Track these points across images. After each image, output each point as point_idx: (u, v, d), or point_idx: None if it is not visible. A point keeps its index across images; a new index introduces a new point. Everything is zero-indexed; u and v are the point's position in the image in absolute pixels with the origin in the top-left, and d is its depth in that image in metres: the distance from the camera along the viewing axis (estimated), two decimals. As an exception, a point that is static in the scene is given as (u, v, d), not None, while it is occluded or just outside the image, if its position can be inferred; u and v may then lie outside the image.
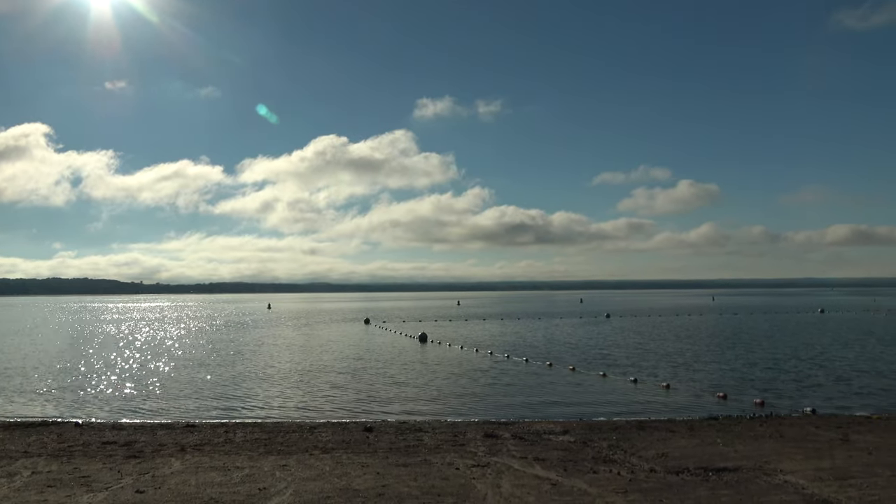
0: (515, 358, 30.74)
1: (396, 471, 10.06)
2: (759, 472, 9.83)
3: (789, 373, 24.92)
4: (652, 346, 36.93)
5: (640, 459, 11.03)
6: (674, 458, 11.11)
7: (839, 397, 19.60)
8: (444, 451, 11.80)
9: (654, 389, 21.34)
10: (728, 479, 9.50)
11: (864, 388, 21.15)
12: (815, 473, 9.67)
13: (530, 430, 14.31)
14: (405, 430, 14.16)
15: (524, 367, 27.39)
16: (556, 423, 15.34)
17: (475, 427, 14.70)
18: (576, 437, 13.23)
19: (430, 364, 29.17)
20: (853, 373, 24.73)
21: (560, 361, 28.96)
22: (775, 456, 11.01)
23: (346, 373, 26.36)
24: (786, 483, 9.17)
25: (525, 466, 10.42)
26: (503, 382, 23.29)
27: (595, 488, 8.93)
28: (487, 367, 27.48)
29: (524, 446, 12.27)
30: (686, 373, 25.21)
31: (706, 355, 31.50)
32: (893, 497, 8.34)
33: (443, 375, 25.18)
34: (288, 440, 13.05)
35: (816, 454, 11.12)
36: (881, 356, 30.22)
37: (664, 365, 27.72)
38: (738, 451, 11.55)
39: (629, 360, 29.86)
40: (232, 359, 32.52)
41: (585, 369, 26.39)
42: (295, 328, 58.32)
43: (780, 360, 28.80)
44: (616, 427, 14.66)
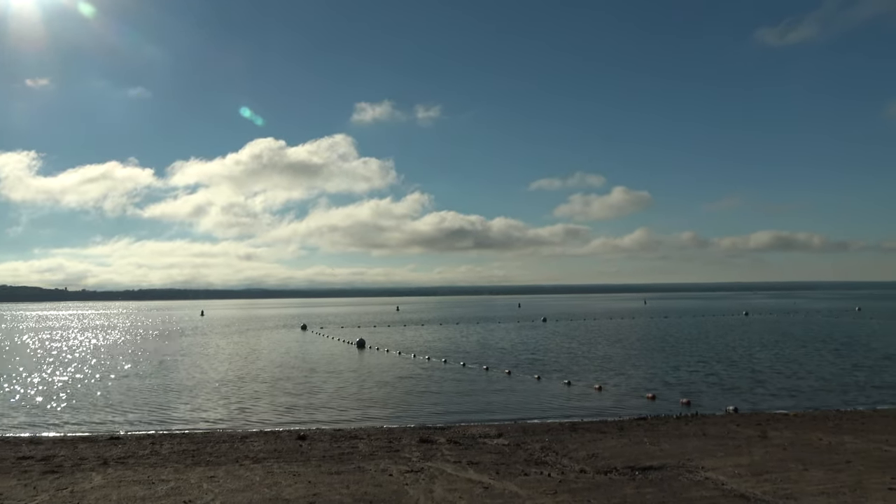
0: (452, 363, 30.87)
1: (329, 479, 9.95)
2: (682, 470, 10.19)
3: (715, 373, 25.92)
4: (586, 349, 37.76)
5: (571, 460, 11.26)
6: (603, 458, 11.39)
7: (760, 396, 20.52)
8: (378, 457, 11.74)
9: (586, 391, 21.82)
10: (653, 477, 9.81)
11: (783, 387, 22.22)
12: (734, 469, 10.10)
13: (466, 434, 14.40)
14: (340, 438, 14.02)
15: (461, 372, 27.54)
16: (491, 427, 15.49)
17: (411, 433, 14.69)
18: (510, 440, 13.40)
19: (367, 370, 28.96)
20: (773, 372, 25.96)
21: (497, 365, 29.26)
22: (698, 453, 11.44)
23: (281, 380, 25.87)
24: (707, 479, 9.54)
25: (458, 471, 10.48)
26: (440, 387, 23.36)
27: (525, 490, 9.06)
28: (425, 372, 27.50)
29: (459, 450, 12.34)
30: (618, 374, 25.89)
31: (637, 357, 32.43)
32: (804, 490, 8.80)
33: (380, 381, 25.05)
34: (217, 451, 12.71)
35: (736, 451, 11.61)
36: (798, 357, 31.82)
37: (597, 367, 28.38)
38: (663, 449, 11.94)
39: (564, 363, 30.44)
40: (161, 368, 31.43)
41: (521, 373, 26.75)
42: (228, 335, 56.84)
43: (707, 361, 29.93)
44: (549, 429, 14.93)
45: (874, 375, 24.61)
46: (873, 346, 36.63)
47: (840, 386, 22.26)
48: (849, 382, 23.00)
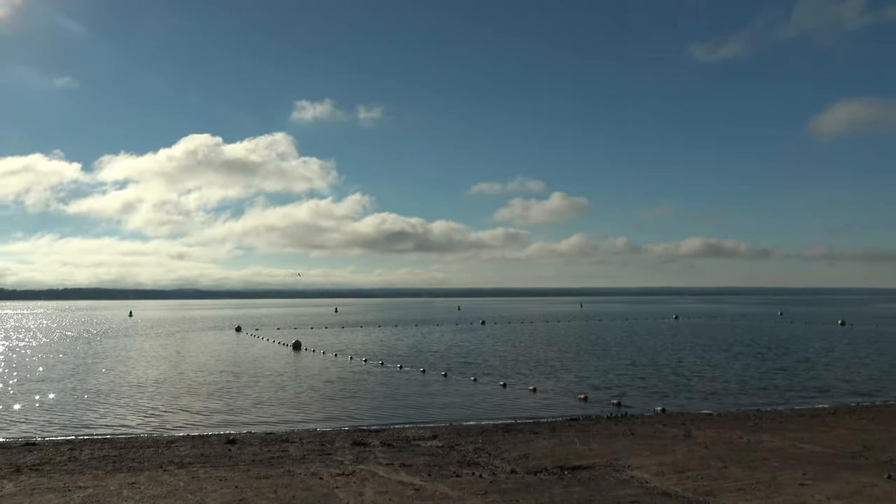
0: (389, 365, 30.74)
1: (257, 483, 9.73)
2: (609, 469, 10.43)
3: (645, 376, 26.69)
4: (522, 351, 38.26)
5: (503, 461, 11.37)
6: (534, 458, 11.55)
7: (686, 397, 21.24)
8: (309, 461, 11.56)
9: (521, 393, 22.09)
10: (581, 476, 10.00)
11: (708, 389, 23.07)
12: (658, 468, 10.41)
13: (400, 436, 14.35)
14: (271, 442, 13.74)
15: (398, 374, 27.45)
16: (426, 429, 15.49)
17: (344, 435, 14.53)
18: (444, 442, 13.42)
19: (302, 372, 28.51)
20: (699, 375, 26.93)
21: (434, 367, 29.30)
22: (626, 453, 11.74)
23: (212, 383, 25.17)
24: (632, 478, 9.80)
25: (390, 473, 10.42)
26: (376, 389, 23.21)
27: (456, 491, 9.09)
28: (361, 375, 27.27)
29: (392, 453, 12.28)
30: (552, 377, 26.33)
31: (571, 360, 33.07)
32: (723, 486, 9.14)
33: (315, 383, 24.70)
34: (140, 456, 12.24)
35: (661, 450, 11.97)
36: (723, 359, 33.13)
37: (533, 370, 28.79)
38: (593, 449, 12.21)
39: (500, 365, 30.74)
40: (83, 371, 30.09)
41: (458, 375, 26.87)
42: (158, 337, 54.95)
43: (637, 364, 30.79)
44: (484, 430, 15.04)
45: (793, 377, 25.86)
46: (793, 349, 38.49)
47: (761, 387, 23.28)
48: (769, 384, 24.09)
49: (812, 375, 26.27)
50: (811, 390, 22.50)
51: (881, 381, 24.56)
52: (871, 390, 22.45)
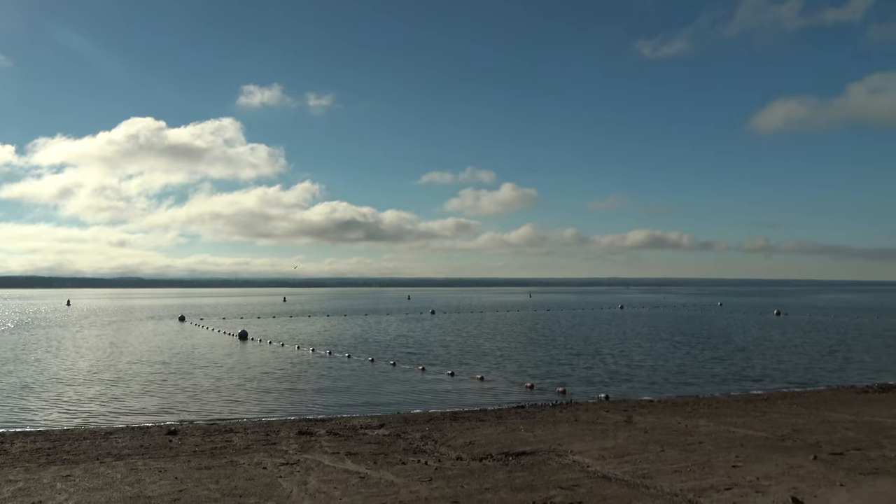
0: (337, 354, 30.56)
1: (198, 474, 9.55)
2: (552, 454, 10.64)
3: (590, 364, 27.26)
4: (471, 340, 38.57)
5: (449, 448, 11.46)
6: (480, 445, 11.68)
7: (629, 384, 21.80)
8: (253, 451, 11.41)
9: (469, 381, 22.29)
10: (525, 462, 10.17)
11: (650, 376, 23.74)
12: (599, 452, 10.66)
13: (347, 425, 14.30)
14: (214, 432, 13.50)
15: (346, 364, 27.31)
16: (373, 418, 15.47)
17: (290, 425, 14.39)
18: (391, 431, 13.44)
19: (248, 362, 28.07)
20: (642, 362, 27.67)
21: (382, 357, 29.26)
22: (568, 438, 11.99)
23: (153, 373, 24.55)
24: (574, 462, 10.01)
25: (336, 462, 10.38)
26: (323, 379, 23.05)
27: (402, 479, 9.13)
28: (309, 364, 27.03)
29: (338, 442, 12.23)
30: (500, 365, 26.63)
31: (519, 349, 33.52)
32: (660, 469, 9.43)
33: (261, 373, 24.36)
34: (76, 448, 11.86)
35: (603, 435, 12.26)
36: (665, 348, 34.12)
37: (481, 358, 29.06)
38: (537, 435, 12.42)
39: (449, 354, 30.92)
40: (13, 361, 28.91)
41: (406, 364, 26.91)
42: (97, 327, 53.20)
43: (583, 353, 31.42)
44: (431, 419, 15.12)
45: (730, 365, 26.83)
46: (731, 338, 39.92)
47: (700, 375, 24.09)
48: (708, 372, 24.94)
49: (748, 363, 27.30)
50: (747, 378, 23.39)
51: (812, 369, 25.72)
52: (802, 377, 23.48)
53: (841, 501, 7.65)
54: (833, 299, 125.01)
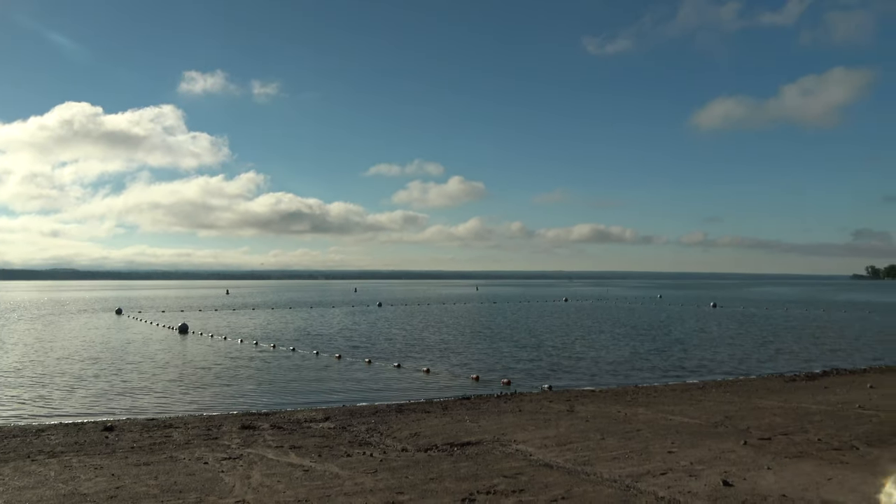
0: (282, 347, 30.17)
1: (136, 471, 9.32)
2: (496, 444, 10.81)
3: (535, 355, 27.71)
4: (417, 333, 38.65)
5: (395, 440, 11.50)
6: (425, 436, 11.77)
7: (572, 375, 22.27)
8: (194, 446, 11.20)
9: (415, 374, 22.36)
10: (470, 451, 10.31)
11: (592, 367, 24.31)
12: (542, 441, 10.90)
13: (291, 419, 14.17)
14: (153, 428, 13.16)
15: (290, 357, 27.00)
16: (318, 411, 15.37)
17: (232, 419, 14.16)
18: (336, 423, 13.39)
19: (188, 356, 27.42)
20: (585, 353, 28.30)
21: (328, 349, 29.05)
22: (512, 428, 12.20)
23: (88, 369, 23.71)
24: (518, 451, 10.21)
25: (280, 455, 10.29)
26: (267, 372, 22.74)
27: (347, 471, 9.13)
28: (252, 358, 26.60)
29: (282, 435, 12.11)
30: (446, 357, 26.80)
31: (465, 341, 33.79)
32: (600, 456, 9.71)
33: (202, 367, 23.83)
34: (6, 446, 11.38)
35: (546, 424, 12.53)
36: (607, 339, 34.98)
37: (427, 350, 29.18)
38: (482, 426, 12.59)
39: (395, 346, 30.92)
40: (-61, 357, 27.46)
41: (352, 357, 26.79)
42: (26, 321, 50.94)
43: (528, 344, 31.91)
44: (377, 411, 15.12)
45: (668, 356, 27.72)
46: (670, 330, 41.20)
47: (640, 365, 24.81)
48: (647, 362, 25.71)
49: (685, 354, 28.26)
50: (684, 368, 24.22)
51: (745, 359, 26.82)
52: (735, 367, 24.46)
53: (768, 483, 8.04)
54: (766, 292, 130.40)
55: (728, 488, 7.84)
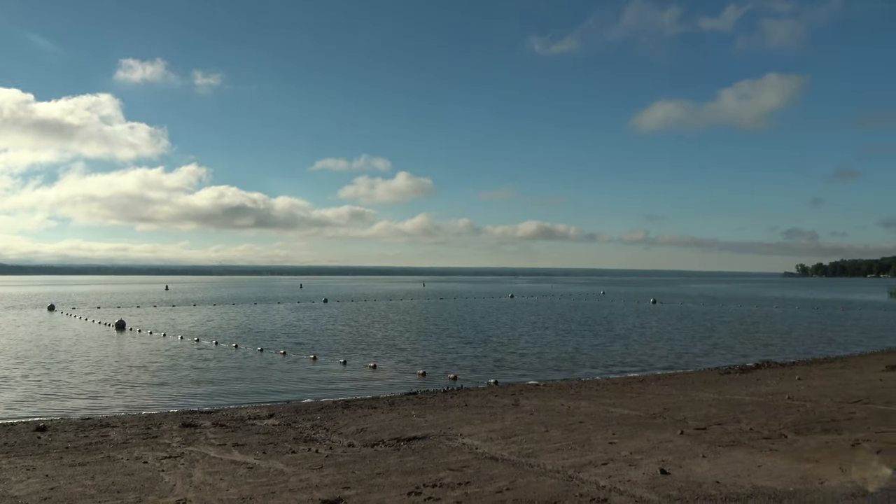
0: (224, 344, 29.56)
1: (71, 471, 9.00)
2: (443, 438, 10.89)
3: (481, 351, 27.97)
4: (364, 329, 38.46)
5: (341, 436, 11.45)
6: (372, 432, 11.75)
7: (517, 370, 22.59)
8: (132, 445, 10.89)
9: (362, 370, 22.27)
10: (416, 446, 10.36)
11: (537, 361, 24.72)
12: (487, 434, 11.04)
13: (234, 416, 13.93)
14: (88, 427, 12.73)
15: (233, 354, 26.48)
16: (262, 408, 15.16)
17: (172, 418, 13.83)
18: (280, 420, 13.23)
19: (126, 354, 26.57)
20: (530, 349, 28.73)
21: (272, 346, 28.62)
22: (459, 422, 12.31)
23: (15, 368, 22.71)
24: (464, 445, 10.31)
25: (223, 453, 10.12)
26: (209, 370, 22.25)
27: (292, 467, 9.04)
28: (193, 355, 25.97)
29: (225, 433, 11.90)
30: (393, 353, 26.78)
31: (412, 337, 33.82)
32: (544, 448, 9.91)
33: (140, 365, 23.14)
34: (-73, 449, 10.81)
35: (491, 418, 12.69)
36: (551, 334, 35.59)
37: (374, 346, 29.09)
38: (428, 421, 12.65)
39: (341, 342, 30.71)
40: None
41: (298, 353, 26.47)
42: (-49, 317, 48.33)
43: (475, 340, 32.18)
44: (322, 407, 15.01)
45: (610, 350, 28.42)
46: (612, 325, 42.20)
47: (582, 359, 25.35)
48: (590, 357, 26.29)
49: (627, 349, 29.03)
50: (625, 362, 24.87)
51: (682, 353, 27.74)
52: (674, 361, 25.27)
53: (703, 471, 8.36)
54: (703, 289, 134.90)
55: (665, 476, 8.13)
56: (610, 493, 7.51)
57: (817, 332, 37.44)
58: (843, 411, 12.68)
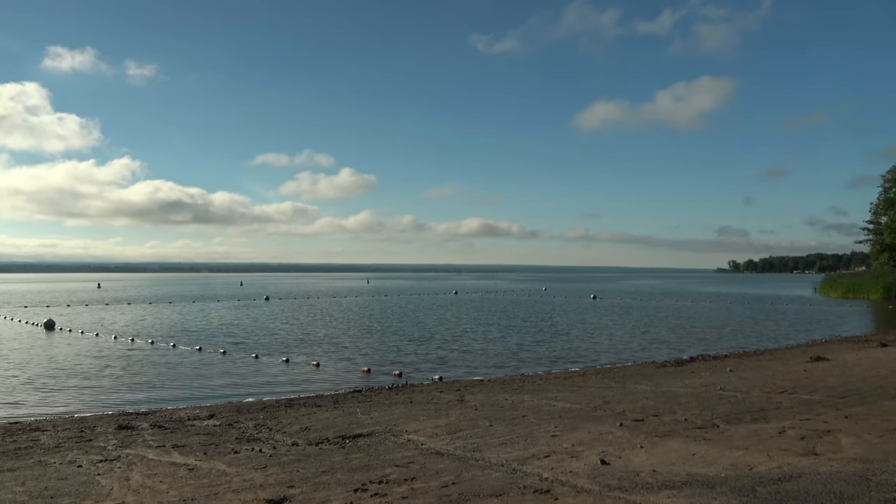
0: (161, 344, 28.73)
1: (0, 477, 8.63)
2: (388, 435, 10.92)
3: (426, 347, 28.06)
4: (307, 327, 38.01)
5: (284, 435, 11.33)
6: (316, 430, 11.67)
7: (462, 366, 22.78)
8: (65, 449, 10.49)
9: (305, 368, 22.03)
10: (362, 443, 10.35)
11: (481, 357, 24.97)
12: (433, 430, 11.12)
13: (173, 417, 13.59)
14: (16, 432, 12.19)
15: (171, 353, 25.77)
16: (202, 408, 14.83)
17: (108, 420, 13.39)
18: (222, 420, 12.98)
19: (56, 355, 25.49)
20: (474, 344, 28.99)
21: (212, 345, 27.98)
22: (404, 419, 12.35)
23: (-62, 370, 21.49)
24: (409, 441, 10.36)
25: (161, 455, 9.87)
26: (146, 370, 21.59)
27: (234, 468, 8.91)
28: (128, 355, 25.14)
29: (164, 435, 11.60)
30: (337, 351, 26.58)
31: (356, 334, 33.63)
32: (488, 442, 10.06)
33: (71, 366, 22.25)
34: None
35: (437, 414, 12.78)
36: (495, 330, 36.00)
37: (317, 344, 28.79)
38: (373, 417, 12.65)
39: (284, 341, 30.28)
40: None
41: (239, 352, 25.97)
42: None
43: (420, 337, 32.24)
44: (265, 406, 14.80)
45: (553, 346, 28.96)
46: (554, 321, 42.98)
47: (525, 355, 25.75)
48: (533, 352, 26.73)
49: (569, 344, 29.64)
50: (567, 357, 25.40)
51: (622, 347, 28.51)
52: (614, 355, 25.95)
53: (640, 460, 8.67)
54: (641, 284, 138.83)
55: (605, 466, 8.38)
56: (552, 484, 7.69)
57: (748, 327, 39.09)
58: (770, 401, 13.32)
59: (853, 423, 10.81)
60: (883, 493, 6.70)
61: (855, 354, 22.06)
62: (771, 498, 6.79)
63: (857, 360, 20.07)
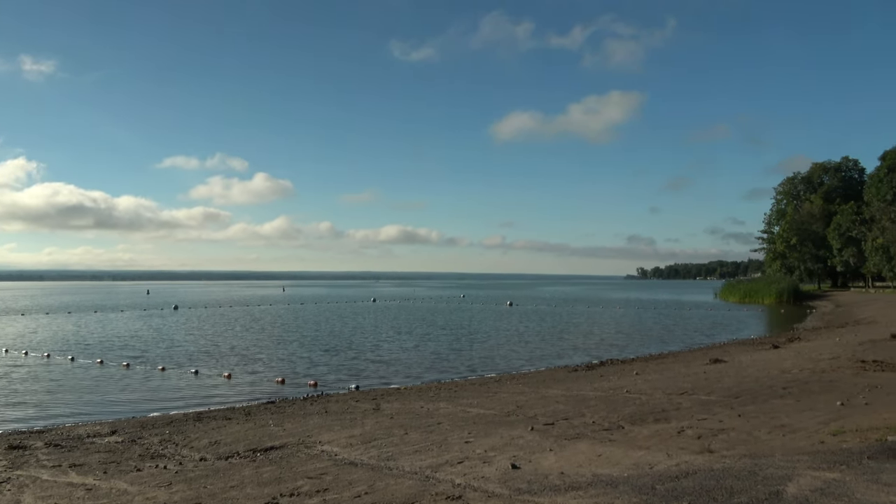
0: (59, 357, 27.07)
1: None
2: (301, 446, 10.75)
3: (343, 356, 27.77)
4: (219, 337, 36.79)
5: (192, 450, 10.95)
6: (226, 444, 11.34)
7: (379, 374, 22.69)
8: (-54, 473, 9.72)
9: (216, 380, 21.33)
10: (273, 456, 10.14)
11: (399, 366, 24.96)
12: (347, 440, 11.04)
13: (71, 435, 12.84)
14: None
15: (69, 367, 24.32)
16: (103, 425, 14.10)
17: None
18: (124, 437, 12.39)
19: (-62, 371, 23.52)
20: (392, 352, 28.93)
21: (114, 358, 26.60)
22: (318, 430, 12.19)
23: None
24: (323, 452, 10.24)
25: (57, 475, 9.32)
26: (40, 386, 20.28)
27: (136, 486, 8.53)
28: (21, 370, 23.53)
29: (60, 454, 10.95)
30: (250, 362, 25.88)
31: (271, 343, 32.85)
32: (403, 451, 10.09)
33: (-44, 383, 20.61)
34: None
35: (352, 424, 12.69)
36: (413, 338, 36.06)
37: (229, 355, 27.92)
38: (286, 429, 12.42)
39: (193, 352, 29.19)
40: None
41: (144, 364, 24.83)
42: None
43: (336, 346, 31.87)
44: (172, 421, 14.24)
45: (470, 352, 29.31)
46: (471, 328, 43.49)
47: (442, 364, 25.94)
48: (450, 359, 26.96)
49: (485, 350, 30.08)
50: (483, 364, 25.78)
51: (535, 353, 29.20)
52: (528, 359, 26.56)
53: (550, 463, 8.93)
54: (555, 291, 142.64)
55: (516, 470, 8.59)
56: (465, 490, 7.81)
57: (655, 331, 40.91)
58: (671, 402, 14.02)
59: (745, 421, 11.54)
60: (768, 486, 7.19)
61: (749, 356, 23.52)
62: (668, 495, 7.16)
63: (750, 362, 21.41)
